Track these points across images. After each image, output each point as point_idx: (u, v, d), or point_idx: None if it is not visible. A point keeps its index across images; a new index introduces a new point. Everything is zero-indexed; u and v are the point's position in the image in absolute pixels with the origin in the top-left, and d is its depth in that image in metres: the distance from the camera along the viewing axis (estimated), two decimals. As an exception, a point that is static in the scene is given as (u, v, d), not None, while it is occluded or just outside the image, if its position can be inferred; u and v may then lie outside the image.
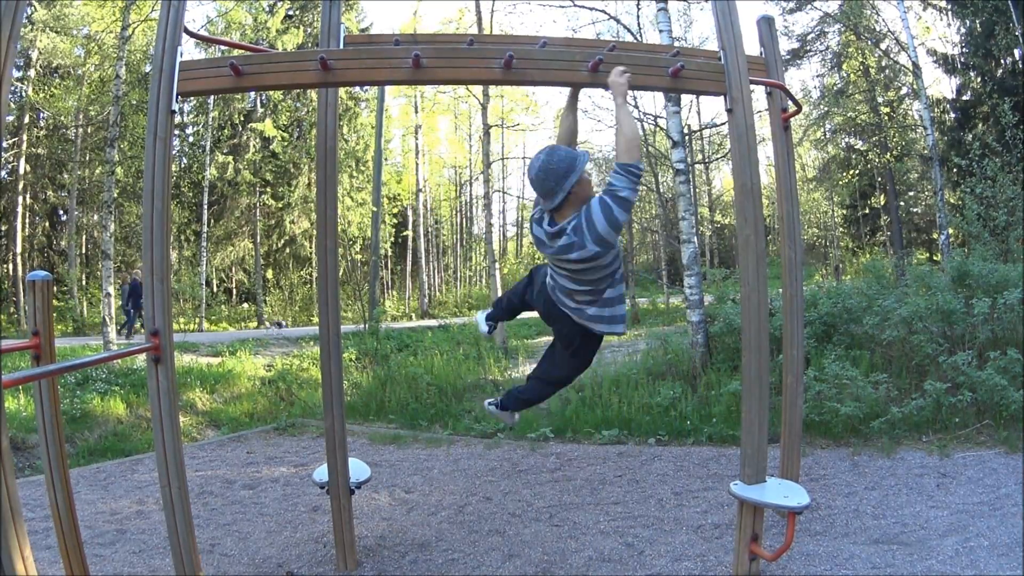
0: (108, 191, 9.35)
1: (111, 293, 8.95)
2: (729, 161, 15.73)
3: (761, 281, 2.58)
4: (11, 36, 1.58)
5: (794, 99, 3.16)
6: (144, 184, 2.32)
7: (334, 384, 2.97)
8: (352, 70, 2.54)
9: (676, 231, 8.66)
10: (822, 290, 7.23)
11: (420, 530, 3.47)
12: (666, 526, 3.34)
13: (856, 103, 18.03)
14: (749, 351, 2.55)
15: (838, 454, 4.37)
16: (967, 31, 13.44)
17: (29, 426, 5.56)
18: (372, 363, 8.71)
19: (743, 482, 2.54)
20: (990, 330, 4.99)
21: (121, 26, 10.11)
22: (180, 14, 2.41)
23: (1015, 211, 6.97)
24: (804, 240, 12.93)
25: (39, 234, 19.16)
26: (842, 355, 5.35)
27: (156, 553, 3.24)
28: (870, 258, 14.78)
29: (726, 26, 2.64)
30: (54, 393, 2.17)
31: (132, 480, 4.72)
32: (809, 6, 17.38)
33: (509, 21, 31.36)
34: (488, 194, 12.42)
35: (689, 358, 6.54)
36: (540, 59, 2.55)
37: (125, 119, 15.41)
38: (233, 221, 20.92)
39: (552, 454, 4.91)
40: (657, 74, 2.60)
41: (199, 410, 7.23)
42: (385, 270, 25.55)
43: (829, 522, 3.24)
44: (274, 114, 20.79)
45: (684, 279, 6.98)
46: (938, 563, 2.71)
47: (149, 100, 2.35)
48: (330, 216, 2.97)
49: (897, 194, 17.71)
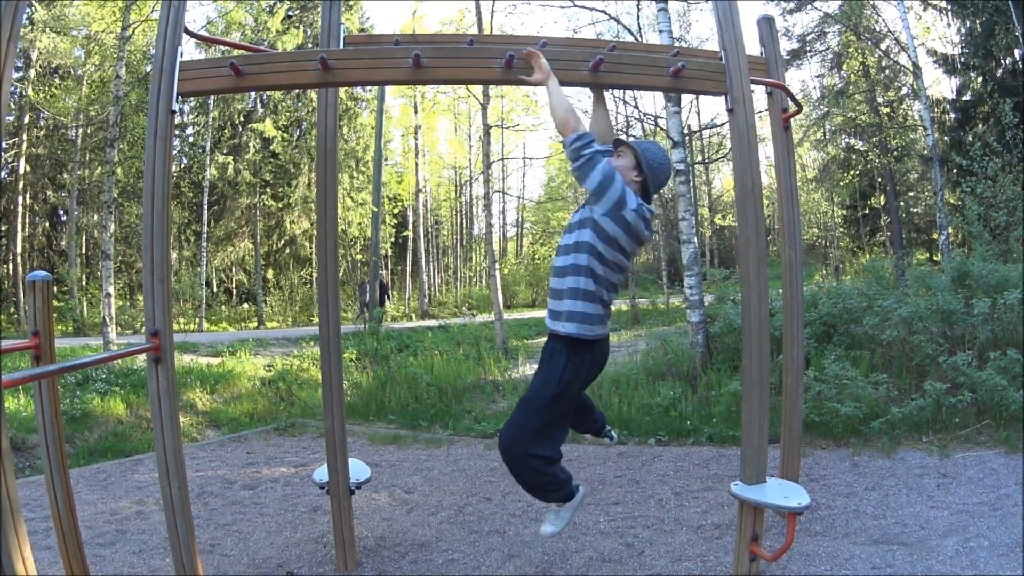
0: (108, 191, 9.34)
1: (111, 293, 8.93)
2: (729, 161, 15.74)
3: (761, 281, 2.58)
4: (11, 36, 1.58)
5: (795, 99, 3.16)
6: (144, 184, 2.32)
7: (334, 384, 2.97)
8: (353, 70, 2.54)
9: (676, 231, 8.65)
10: (822, 290, 7.23)
11: (420, 530, 3.46)
12: (666, 526, 3.34)
13: (856, 103, 18.03)
14: (749, 352, 2.55)
15: (838, 454, 4.37)
16: (967, 31, 13.43)
17: (29, 426, 5.56)
18: (372, 363, 8.71)
19: (743, 482, 2.54)
20: (990, 330, 4.99)
21: (121, 26, 10.11)
22: (180, 14, 2.41)
23: (1015, 211, 6.97)
24: (804, 240, 12.93)
25: (39, 234, 19.16)
26: (842, 355, 5.35)
27: (156, 553, 3.24)
28: (870, 258, 14.76)
29: (727, 26, 2.63)
30: (54, 393, 2.17)
31: (132, 480, 4.72)
32: (809, 6, 17.37)
33: (509, 22, 31.42)
34: (488, 194, 12.41)
35: (689, 358, 6.54)
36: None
37: (125, 119, 15.41)
38: (233, 221, 20.92)
39: (552, 454, 4.90)
40: (658, 74, 2.60)
41: (199, 410, 7.22)
42: (385, 270, 25.53)
43: (829, 522, 3.24)
44: (274, 114, 20.79)
45: (684, 279, 6.98)
46: (938, 563, 2.71)
47: (149, 100, 2.35)
48: (330, 216, 2.97)
49: (897, 194, 17.71)
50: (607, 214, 2.24)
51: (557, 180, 35.65)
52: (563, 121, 2.31)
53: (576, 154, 2.25)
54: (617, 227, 2.25)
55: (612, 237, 2.26)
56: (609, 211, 2.23)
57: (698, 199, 24.89)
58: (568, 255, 2.33)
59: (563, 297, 2.32)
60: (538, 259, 28.97)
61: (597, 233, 2.26)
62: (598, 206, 2.25)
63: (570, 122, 2.29)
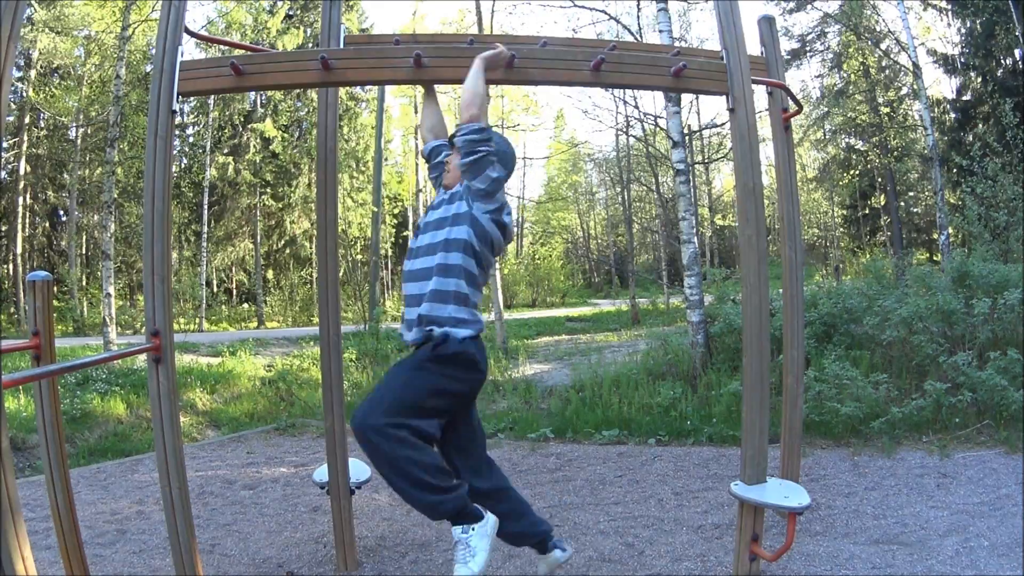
0: (108, 191, 9.34)
1: (111, 293, 8.93)
2: (729, 161, 15.73)
3: (762, 281, 2.58)
4: (11, 36, 1.58)
5: (795, 99, 3.16)
6: (144, 184, 2.32)
7: (334, 384, 2.97)
8: (353, 70, 2.54)
9: (676, 231, 8.65)
10: (822, 290, 7.23)
11: (420, 530, 3.46)
12: (666, 526, 3.34)
13: (856, 103, 18.04)
14: (750, 352, 2.55)
15: (838, 454, 4.37)
16: (967, 31, 13.45)
17: (29, 426, 5.55)
18: (372, 363, 8.71)
19: (743, 482, 2.54)
20: (990, 330, 4.99)
21: (121, 26, 10.11)
22: (180, 14, 2.41)
23: (1015, 211, 6.96)
24: (804, 240, 12.94)
25: (39, 234, 19.16)
26: (842, 355, 5.35)
27: (156, 553, 3.24)
28: (870, 258, 14.76)
29: (728, 26, 2.63)
30: (54, 393, 2.16)
31: (132, 480, 4.72)
32: (809, 6, 17.39)
33: (510, 22, 31.39)
34: (488, 194, 12.36)
35: (689, 358, 6.53)
36: (541, 59, 2.55)
37: (125, 119, 15.39)
38: (233, 221, 20.92)
39: (552, 454, 4.91)
40: (660, 74, 2.60)
41: (199, 410, 7.22)
42: (385, 270, 25.52)
43: (829, 522, 3.24)
44: (274, 114, 20.79)
45: (684, 279, 6.98)
46: (938, 563, 2.71)
47: (149, 100, 2.35)
48: (330, 216, 2.97)
49: (897, 194, 17.72)
50: (489, 213, 2.20)
51: (557, 180, 35.66)
52: (478, 105, 2.21)
53: (474, 146, 2.16)
54: (496, 229, 2.22)
55: (490, 238, 2.21)
56: (492, 211, 2.20)
57: (698, 199, 24.88)
58: (436, 254, 2.17)
59: (437, 300, 2.13)
60: (538, 259, 28.97)
61: (475, 231, 2.18)
62: (482, 204, 2.19)
63: (482, 110, 2.22)
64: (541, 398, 6.63)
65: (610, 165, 26.65)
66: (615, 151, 21.78)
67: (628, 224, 20.15)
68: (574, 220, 36.56)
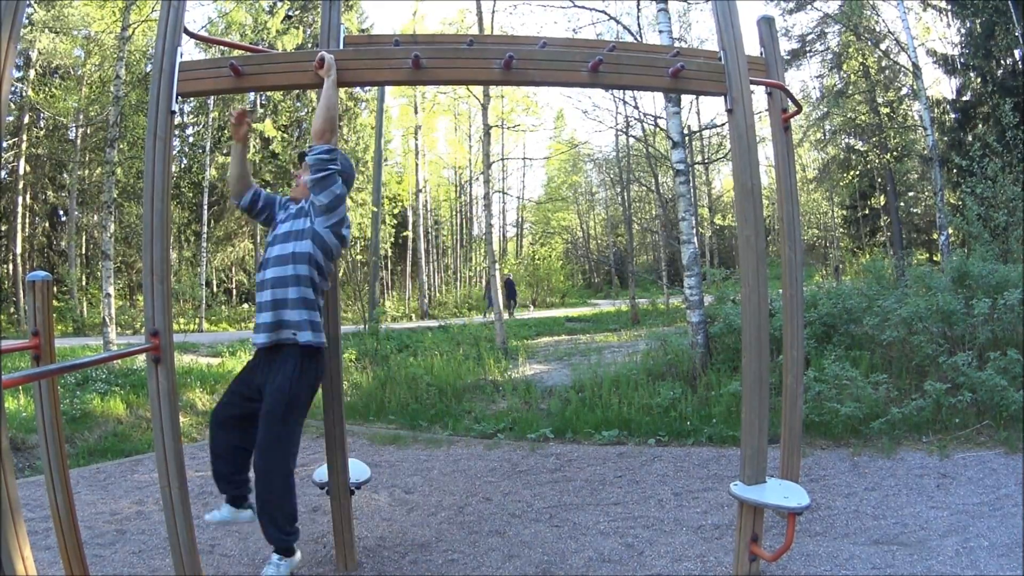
0: (108, 191, 9.34)
1: (111, 293, 8.93)
2: (729, 161, 15.73)
3: (761, 282, 2.58)
4: (11, 36, 1.58)
5: (794, 99, 3.16)
6: (144, 184, 2.32)
7: (334, 384, 2.97)
8: (352, 70, 2.54)
9: (676, 232, 8.65)
10: (822, 290, 7.24)
11: (420, 530, 3.46)
12: (666, 527, 3.34)
13: (856, 104, 18.04)
14: (749, 352, 2.55)
15: (838, 455, 4.37)
16: (967, 31, 13.45)
17: (29, 426, 5.56)
18: (372, 363, 8.71)
19: (743, 483, 2.54)
20: (990, 331, 4.99)
21: (121, 26, 10.11)
22: (180, 14, 2.41)
23: (1015, 211, 6.96)
24: (804, 240, 12.92)
25: (39, 234, 19.18)
26: (842, 355, 5.35)
27: (156, 553, 3.24)
28: (870, 258, 14.76)
29: (726, 26, 2.64)
30: (54, 393, 2.16)
31: (132, 480, 4.72)
32: (809, 6, 17.40)
33: (510, 22, 31.43)
34: (488, 195, 12.39)
35: (689, 358, 6.53)
36: (541, 59, 2.55)
37: (125, 119, 15.41)
38: (233, 221, 20.93)
39: (552, 455, 4.90)
40: (658, 74, 2.60)
41: (199, 410, 7.22)
42: (385, 271, 25.54)
43: (829, 522, 3.24)
44: (274, 114, 20.80)
45: (684, 279, 6.98)
46: (938, 563, 2.71)
47: (149, 100, 2.35)
48: (330, 216, 2.97)
49: (897, 195, 17.72)
50: (330, 227, 2.49)
51: (557, 180, 35.69)
52: (330, 127, 2.46)
53: (323, 165, 2.44)
54: (336, 239, 2.52)
55: (330, 249, 2.51)
56: (332, 226, 2.49)
57: (698, 199, 24.90)
58: (287, 265, 2.46)
59: (288, 307, 2.43)
60: (538, 259, 28.98)
61: (317, 243, 2.47)
62: (323, 219, 2.48)
63: (332, 131, 2.48)
64: (541, 398, 6.63)
65: (610, 165, 26.67)
66: (615, 151, 21.80)
67: (628, 224, 20.16)
68: (574, 220, 36.60)
